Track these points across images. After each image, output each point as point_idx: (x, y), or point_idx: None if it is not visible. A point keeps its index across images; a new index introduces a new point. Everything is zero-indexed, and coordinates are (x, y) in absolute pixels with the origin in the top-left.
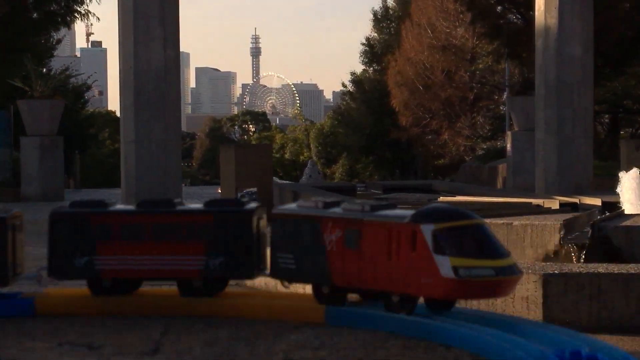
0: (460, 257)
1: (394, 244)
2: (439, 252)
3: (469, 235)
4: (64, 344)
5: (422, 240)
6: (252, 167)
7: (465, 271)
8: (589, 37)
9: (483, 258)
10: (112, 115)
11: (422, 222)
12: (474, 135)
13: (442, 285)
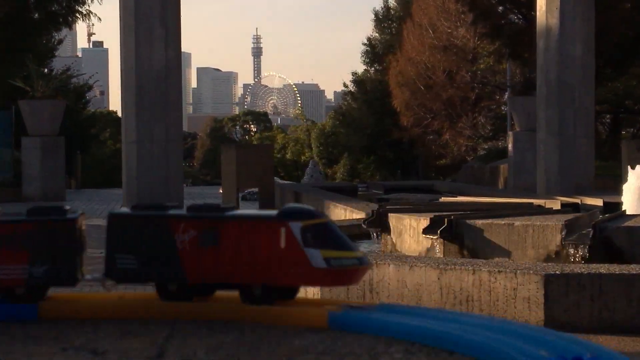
0: (328, 250)
1: (260, 241)
2: (309, 245)
3: (328, 231)
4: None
5: (291, 236)
6: (253, 167)
7: (335, 261)
8: (590, 37)
9: (346, 250)
10: (114, 115)
11: (290, 219)
12: (476, 135)
13: (314, 275)
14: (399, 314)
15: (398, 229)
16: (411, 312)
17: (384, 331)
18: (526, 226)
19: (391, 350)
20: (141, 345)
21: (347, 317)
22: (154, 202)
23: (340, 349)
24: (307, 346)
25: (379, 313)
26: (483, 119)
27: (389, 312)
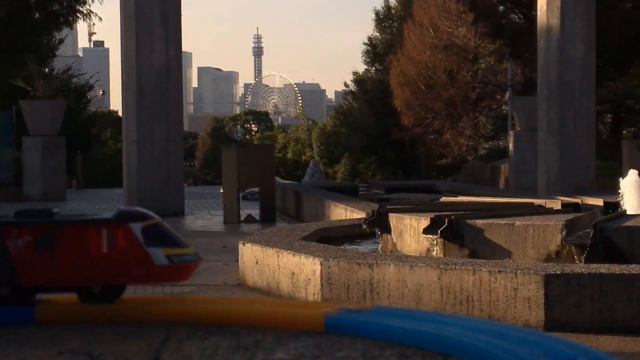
0: (168, 248)
1: (100, 243)
2: (150, 245)
3: (163, 230)
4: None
5: (132, 236)
6: (254, 166)
7: (177, 258)
8: (591, 37)
9: (182, 247)
10: (115, 115)
11: (130, 221)
12: (476, 135)
13: (158, 272)
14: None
15: (398, 228)
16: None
17: (379, 334)
18: (527, 226)
19: (386, 354)
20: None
21: (343, 320)
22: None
23: (336, 353)
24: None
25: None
26: (484, 118)
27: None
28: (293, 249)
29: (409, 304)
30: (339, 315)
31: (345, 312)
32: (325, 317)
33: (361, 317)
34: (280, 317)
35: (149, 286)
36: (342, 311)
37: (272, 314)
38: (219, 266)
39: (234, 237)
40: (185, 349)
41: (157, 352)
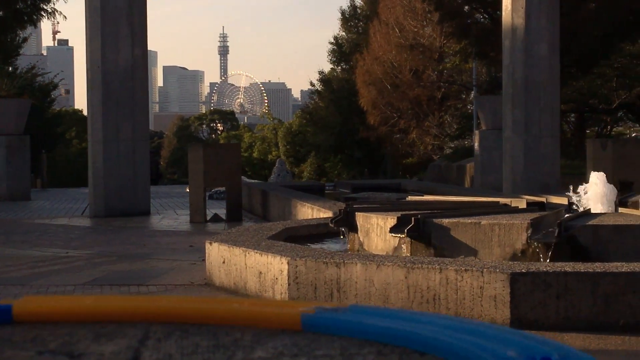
0: None
1: None
2: None
3: None
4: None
5: None
6: (220, 166)
7: None
8: (556, 37)
9: None
10: (79, 114)
11: None
12: (442, 134)
13: None
14: (371, 316)
15: (365, 228)
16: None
17: (357, 333)
18: (492, 225)
19: (364, 352)
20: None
21: (320, 319)
22: None
23: (314, 351)
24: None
25: (352, 315)
26: (449, 118)
27: (361, 314)
28: (260, 249)
29: (376, 302)
30: (316, 314)
31: (322, 311)
32: (302, 316)
33: (338, 315)
34: (258, 316)
35: (125, 286)
36: (318, 310)
37: (250, 313)
38: (185, 266)
39: (201, 236)
40: (165, 348)
41: (137, 351)
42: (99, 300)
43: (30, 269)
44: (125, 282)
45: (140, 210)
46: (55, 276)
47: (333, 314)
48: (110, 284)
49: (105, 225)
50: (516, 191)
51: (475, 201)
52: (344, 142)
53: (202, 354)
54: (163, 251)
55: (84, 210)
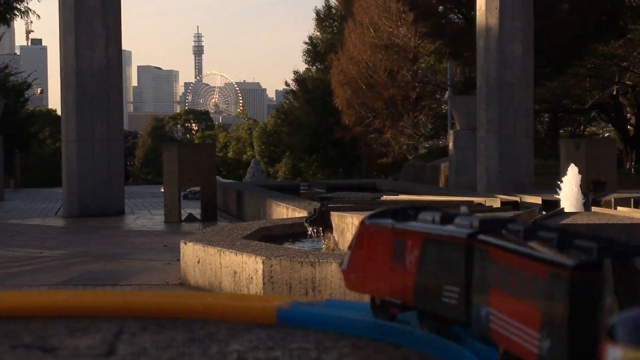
0: None
1: None
2: None
3: None
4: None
5: None
6: (195, 166)
7: None
8: (529, 37)
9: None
10: (53, 114)
11: None
12: (417, 134)
13: None
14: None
15: (340, 227)
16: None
17: (331, 326)
18: None
19: (339, 345)
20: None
21: (295, 313)
22: None
23: (289, 344)
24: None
25: (327, 308)
26: (424, 117)
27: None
28: (235, 248)
29: None
30: (290, 308)
31: (297, 305)
32: (277, 310)
33: (313, 309)
34: (233, 310)
35: (99, 286)
36: (293, 304)
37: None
38: (160, 266)
39: (175, 236)
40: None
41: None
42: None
43: (3, 269)
44: (99, 282)
45: (114, 210)
46: (29, 276)
47: (308, 308)
48: (84, 284)
49: (79, 225)
50: (490, 191)
51: (449, 200)
52: (318, 142)
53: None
54: (137, 251)
55: (58, 210)
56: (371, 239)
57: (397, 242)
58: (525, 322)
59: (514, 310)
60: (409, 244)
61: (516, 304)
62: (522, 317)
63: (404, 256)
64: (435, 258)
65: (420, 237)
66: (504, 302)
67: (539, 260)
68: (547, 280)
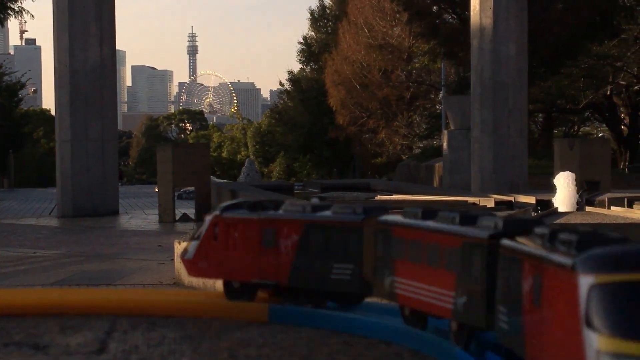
0: None
1: None
2: None
3: None
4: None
5: None
6: (189, 166)
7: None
8: (524, 37)
9: None
10: (47, 113)
11: None
12: (411, 134)
13: None
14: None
15: None
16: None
17: (323, 324)
18: None
19: (330, 342)
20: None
21: (287, 311)
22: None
23: (280, 342)
24: (248, 339)
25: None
26: (418, 117)
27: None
28: None
29: None
30: (283, 306)
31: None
32: (269, 308)
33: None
34: (225, 307)
35: (92, 286)
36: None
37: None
38: (154, 265)
39: (169, 236)
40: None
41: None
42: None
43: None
44: (93, 282)
45: (108, 210)
46: (22, 276)
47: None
48: (77, 284)
49: (73, 225)
50: (484, 190)
51: (443, 200)
52: (313, 142)
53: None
54: (131, 251)
55: (52, 210)
56: (228, 229)
57: (267, 229)
58: (439, 285)
59: (425, 276)
60: (283, 231)
61: (428, 271)
62: (435, 281)
63: (277, 242)
64: (321, 241)
65: (301, 224)
66: (414, 271)
67: (454, 234)
68: (462, 249)
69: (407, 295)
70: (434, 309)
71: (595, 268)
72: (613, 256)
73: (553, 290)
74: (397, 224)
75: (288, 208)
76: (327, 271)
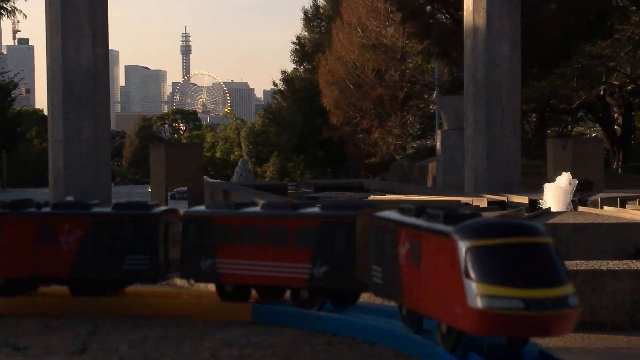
0: None
1: None
2: None
3: None
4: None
5: None
6: (182, 166)
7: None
8: (517, 37)
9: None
10: (40, 113)
11: None
12: (404, 134)
13: None
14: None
15: None
16: None
17: (306, 324)
18: None
19: (313, 342)
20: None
21: (271, 310)
22: None
23: (263, 342)
24: (230, 339)
25: None
26: (412, 117)
27: None
28: None
29: None
30: (267, 305)
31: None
32: (253, 307)
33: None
34: (209, 308)
35: None
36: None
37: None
38: None
39: None
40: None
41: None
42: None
43: None
44: None
45: None
46: None
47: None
48: None
49: None
50: (478, 190)
51: (437, 200)
52: (306, 142)
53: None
54: None
55: None
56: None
57: (45, 227)
58: (291, 260)
59: (273, 254)
60: (64, 228)
61: (274, 250)
62: (286, 257)
63: (56, 238)
64: (109, 235)
65: (84, 219)
66: (255, 252)
67: (314, 217)
68: (323, 227)
69: (236, 273)
70: (283, 281)
71: (470, 235)
72: (481, 227)
73: (433, 252)
74: (215, 214)
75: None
76: (121, 262)
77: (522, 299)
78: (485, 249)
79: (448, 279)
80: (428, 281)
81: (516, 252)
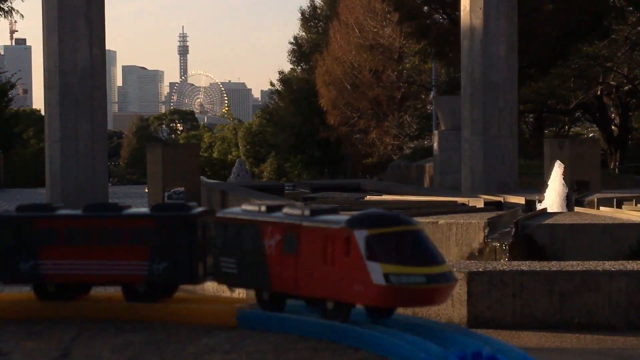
0: None
1: None
2: None
3: None
4: None
5: None
6: (179, 166)
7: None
8: (514, 37)
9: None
10: (37, 114)
11: None
12: (402, 134)
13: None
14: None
15: None
16: None
17: (291, 329)
18: (450, 224)
19: (298, 347)
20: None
21: (256, 315)
22: None
23: (248, 347)
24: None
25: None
26: (409, 118)
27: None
28: None
29: None
30: (251, 310)
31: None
32: (238, 312)
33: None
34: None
35: None
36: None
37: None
38: None
39: None
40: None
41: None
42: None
43: None
44: None
45: None
46: None
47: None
48: None
49: None
50: (475, 191)
51: (434, 200)
52: (303, 142)
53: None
54: None
55: None
56: None
57: None
58: (126, 258)
59: (105, 253)
60: None
61: (110, 250)
62: (121, 256)
63: None
64: None
65: None
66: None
67: (145, 217)
68: (158, 228)
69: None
70: (120, 277)
71: (364, 226)
72: (370, 218)
73: (317, 242)
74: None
75: None
76: None
77: (424, 274)
78: (382, 236)
79: (344, 263)
80: (311, 266)
81: (406, 237)
